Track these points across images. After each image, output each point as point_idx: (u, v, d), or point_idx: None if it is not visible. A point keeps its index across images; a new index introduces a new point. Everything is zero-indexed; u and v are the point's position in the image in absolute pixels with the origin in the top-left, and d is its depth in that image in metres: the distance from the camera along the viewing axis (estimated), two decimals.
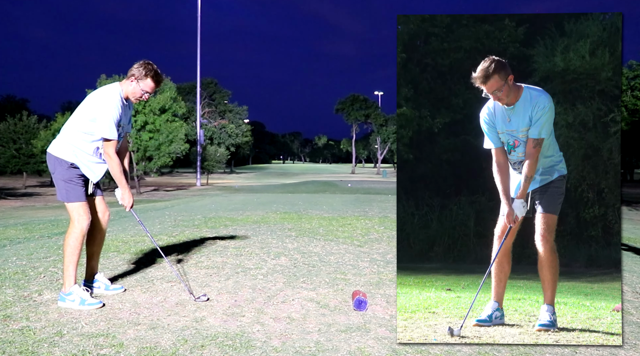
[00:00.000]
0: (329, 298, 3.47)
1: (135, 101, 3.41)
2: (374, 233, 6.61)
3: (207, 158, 41.04)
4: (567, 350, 2.63)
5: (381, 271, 4.35)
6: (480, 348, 2.62)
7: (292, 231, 6.63)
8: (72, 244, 3.26)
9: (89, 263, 3.56)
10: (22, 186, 32.29)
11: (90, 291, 3.32)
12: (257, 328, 2.85)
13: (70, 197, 3.29)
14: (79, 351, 2.46)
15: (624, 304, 3.32)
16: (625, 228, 8.63)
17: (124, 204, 3.48)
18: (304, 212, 9.38)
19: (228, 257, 4.76)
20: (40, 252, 4.93)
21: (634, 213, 15.21)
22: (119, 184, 3.42)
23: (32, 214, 12.73)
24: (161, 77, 3.42)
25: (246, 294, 3.53)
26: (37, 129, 33.32)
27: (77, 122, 3.32)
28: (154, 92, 3.50)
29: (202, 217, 8.33)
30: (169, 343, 2.59)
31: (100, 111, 3.24)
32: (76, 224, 3.27)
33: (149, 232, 3.81)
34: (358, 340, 2.70)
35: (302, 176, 55.88)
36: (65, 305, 3.16)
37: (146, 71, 3.32)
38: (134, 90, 3.34)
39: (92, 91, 3.48)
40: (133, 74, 3.32)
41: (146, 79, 3.32)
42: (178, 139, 28.39)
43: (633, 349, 2.67)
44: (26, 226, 7.82)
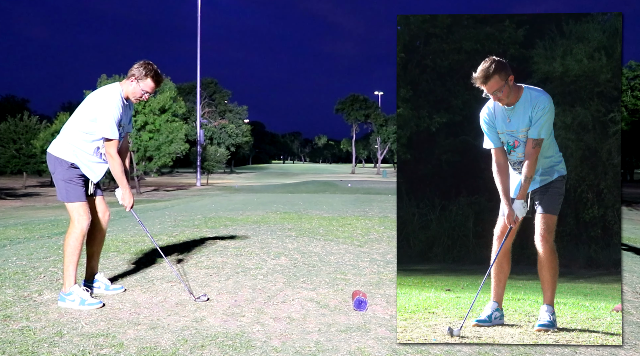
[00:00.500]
0: (329, 298, 3.47)
1: (135, 101, 3.41)
2: (374, 233, 6.61)
3: (207, 158, 41.04)
4: (567, 350, 2.63)
5: (381, 271, 4.36)
6: (480, 348, 2.62)
7: (292, 231, 6.63)
8: (72, 245, 3.26)
9: (89, 263, 3.56)
10: (22, 186, 32.28)
11: (90, 291, 3.33)
12: (257, 328, 2.86)
13: (70, 197, 3.29)
14: (79, 351, 2.46)
15: (624, 304, 3.33)
16: (625, 228, 8.63)
17: (124, 204, 3.48)
18: (304, 212, 9.38)
19: (228, 257, 4.76)
20: (40, 252, 4.94)
21: (634, 213, 15.20)
22: (119, 184, 3.42)
23: (32, 214, 12.73)
24: (161, 77, 3.43)
25: (246, 294, 3.54)
26: (37, 129, 33.34)
27: (78, 122, 3.32)
28: (154, 92, 3.51)
29: (202, 217, 8.33)
30: (169, 343, 2.59)
31: (101, 111, 3.24)
32: (76, 224, 3.27)
33: (149, 232, 3.82)
34: (358, 340, 2.70)
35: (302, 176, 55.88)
36: (65, 305, 3.16)
37: (146, 71, 3.32)
38: (134, 90, 3.35)
39: (90, 92, 3.49)
40: (133, 74, 3.32)
41: (146, 79, 3.33)
42: (178, 139, 28.39)
43: (633, 349, 2.68)
44: (26, 226, 7.82)
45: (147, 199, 21.56)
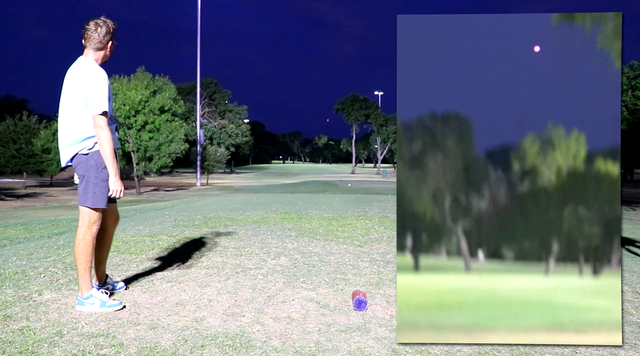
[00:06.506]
0: (329, 298, 3.47)
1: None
2: (374, 233, 6.61)
3: (207, 158, 41.06)
4: (567, 350, 2.63)
5: (381, 271, 4.36)
6: (480, 348, 2.62)
7: (292, 231, 6.63)
8: (86, 251, 3.16)
9: (98, 267, 3.46)
10: (22, 186, 32.28)
11: (108, 293, 3.30)
12: (257, 328, 2.85)
13: (96, 202, 3.15)
14: (79, 351, 2.46)
15: (624, 304, 3.32)
16: (625, 228, 8.63)
17: (115, 189, 3.15)
18: (304, 212, 9.38)
19: (228, 257, 4.76)
20: (40, 252, 4.94)
21: (634, 213, 15.20)
22: (108, 166, 3.12)
23: (32, 214, 12.73)
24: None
25: (246, 294, 3.53)
26: (37, 129, 33.37)
27: (81, 112, 3.14)
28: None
29: (202, 217, 8.33)
30: (169, 343, 2.59)
31: (89, 87, 3.07)
32: (91, 230, 3.17)
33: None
34: (358, 340, 2.70)
35: (302, 176, 55.90)
36: (85, 308, 3.09)
37: (110, 35, 3.23)
38: (105, 57, 3.27)
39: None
40: (100, 42, 3.20)
41: (110, 42, 3.26)
42: (178, 139, 28.40)
43: (633, 349, 2.68)
44: (26, 226, 7.82)
45: (147, 199, 21.56)
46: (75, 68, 3.20)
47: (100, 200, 3.18)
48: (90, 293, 3.14)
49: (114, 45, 3.31)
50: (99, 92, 3.09)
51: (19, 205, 19.13)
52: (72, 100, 3.17)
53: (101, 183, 3.17)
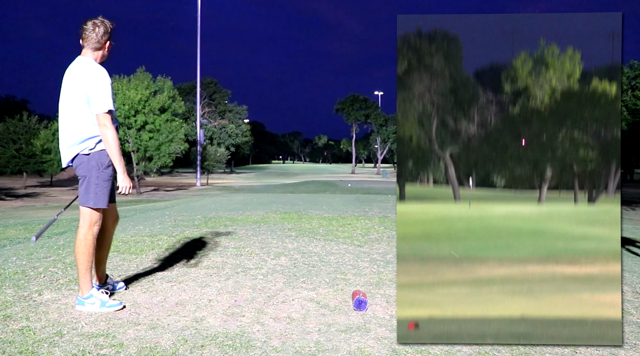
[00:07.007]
0: (329, 298, 3.47)
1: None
2: (374, 233, 6.61)
3: (207, 158, 41.06)
4: (567, 350, 2.63)
5: (381, 271, 4.36)
6: (480, 348, 2.62)
7: (292, 231, 6.63)
8: (87, 251, 3.16)
9: (99, 267, 3.45)
10: (22, 186, 32.28)
11: (108, 293, 3.30)
12: (257, 328, 2.85)
13: (98, 202, 3.15)
14: (79, 351, 2.46)
15: (624, 304, 3.32)
16: (625, 228, 8.62)
17: (124, 185, 3.16)
18: (304, 212, 9.38)
19: (228, 257, 4.76)
20: (40, 252, 4.93)
21: (634, 213, 15.20)
22: (115, 163, 3.13)
23: (32, 214, 12.73)
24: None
25: (246, 294, 3.53)
26: (37, 129, 33.36)
27: (83, 112, 3.12)
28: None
29: (202, 217, 8.33)
30: (169, 343, 2.59)
31: (93, 86, 3.07)
32: (92, 230, 3.17)
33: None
34: (358, 340, 2.70)
35: (302, 176, 55.89)
36: (85, 308, 3.09)
37: (108, 35, 3.22)
38: (104, 56, 3.26)
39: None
40: (98, 42, 3.19)
41: (108, 41, 3.25)
42: (178, 139, 28.41)
43: (633, 349, 2.68)
44: (26, 226, 7.82)
45: (147, 199, 21.56)
46: (75, 68, 3.19)
47: (102, 200, 3.18)
48: (91, 293, 3.14)
49: (111, 45, 3.31)
50: (103, 91, 3.09)
51: (19, 205, 19.13)
52: (73, 100, 3.16)
53: (102, 183, 3.17)
